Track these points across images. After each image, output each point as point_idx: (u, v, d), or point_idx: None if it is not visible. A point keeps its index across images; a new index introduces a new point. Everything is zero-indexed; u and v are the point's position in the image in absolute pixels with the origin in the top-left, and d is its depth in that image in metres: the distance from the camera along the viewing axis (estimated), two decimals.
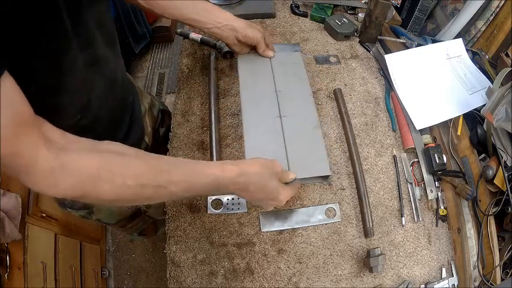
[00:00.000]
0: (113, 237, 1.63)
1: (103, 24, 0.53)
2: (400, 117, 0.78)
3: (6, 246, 0.93)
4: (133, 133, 0.71)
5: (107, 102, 0.58)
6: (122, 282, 1.55)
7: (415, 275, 0.63)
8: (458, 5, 0.90)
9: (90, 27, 0.49)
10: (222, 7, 0.95)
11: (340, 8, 1.02)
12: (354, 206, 0.68)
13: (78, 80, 0.49)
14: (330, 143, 0.75)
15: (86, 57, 0.48)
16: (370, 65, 0.89)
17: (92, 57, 0.50)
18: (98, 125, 0.58)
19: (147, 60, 2.29)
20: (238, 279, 0.60)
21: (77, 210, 0.75)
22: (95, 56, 0.51)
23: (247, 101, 0.72)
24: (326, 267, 0.62)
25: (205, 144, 0.73)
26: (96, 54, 0.51)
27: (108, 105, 0.59)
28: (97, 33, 0.51)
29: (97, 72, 0.53)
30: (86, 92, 0.52)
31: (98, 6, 0.51)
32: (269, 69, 0.79)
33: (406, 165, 0.73)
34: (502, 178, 0.63)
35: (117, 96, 0.63)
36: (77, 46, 0.45)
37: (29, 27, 0.37)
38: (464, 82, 0.82)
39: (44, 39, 0.40)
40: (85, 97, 0.52)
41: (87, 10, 0.47)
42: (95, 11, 0.50)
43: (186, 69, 0.86)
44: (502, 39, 0.82)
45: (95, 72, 0.52)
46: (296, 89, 0.77)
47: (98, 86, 0.54)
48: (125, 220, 0.87)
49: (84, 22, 0.47)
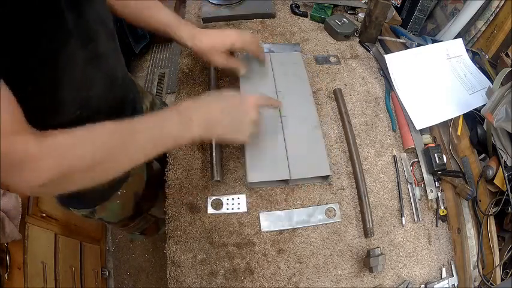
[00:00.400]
0: (113, 237, 1.63)
1: (104, 20, 0.53)
2: (400, 117, 0.78)
3: (6, 246, 0.93)
4: None
5: (107, 99, 0.58)
6: (122, 282, 1.55)
7: (415, 275, 0.63)
8: (458, 5, 0.90)
9: (91, 23, 0.49)
10: (222, 7, 0.95)
11: (340, 8, 1.02)
12: (354, 206, 0.68)
13: (78, 77, 0.49)
14: (330, 143, 0.75)
15: (86, 53, 0.49)
16: (370, 65, 0.89)
17: (92, 53, 0.50)
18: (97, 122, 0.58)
19: (147, 60, 2.29)
20: (238, 279, 0.60)
21: (79, 210, 0.75)
22: (96, 52, 0.51)
23: None
24: (326, 267, 0.62)
25: (205, 144, 0.73)
26: (97, 51, 0.52)
27: (109, 102, 0.59)
28: (98, 29, 0.51)
29: (97, 69, 0.53)
30: (86, 89, 0.52)
31: (99, 3, 0.51)
32: (269, 69, 0.79)
33: (406, 165, 0.73)
34: (502, 178, 0.63)
35: (118, 93, 0.62)
36: (77, 43, 0.46)
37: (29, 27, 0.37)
38: (464, 82, 0.82)
39: (44, 39, 0.40)
40: (85, 93, 0.52)
41: (88, 7, 0.48)
42: (95, 7, 0.50)
43: (186, 69, 0.86)
44: (502, 39, 0.82)
45: (95, 68, 0.52)
46: (296, 89, 0.77)
47: (98, 82, 0.54)
48: (127, 219, 0.87)
49: (85, 19, 0.47)
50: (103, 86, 0.56)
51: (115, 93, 0.61)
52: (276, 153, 0.66)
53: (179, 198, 0.66)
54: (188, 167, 0.70)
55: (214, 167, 0.67)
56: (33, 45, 0.39)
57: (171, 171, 0.70)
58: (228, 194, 0.67)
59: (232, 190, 0.68)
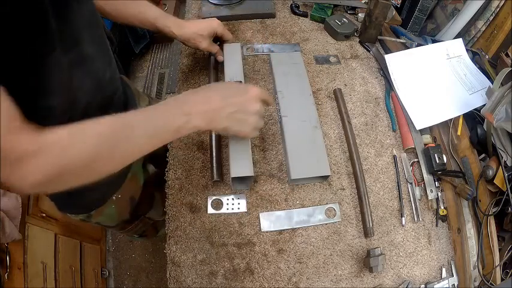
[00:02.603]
0: (113, 237, 1.63)
1: (92, 23, 0.52)
2: (400, 117, 0.78)
3: (6, 246, 0.93)
4: None
5: (95, 101, 0.57)
6: (122, 282, 1.55)
7: (415, 275, 0.63)
8: (458, 5, 0.90)
9: (77, 26, 0.48)
10: (222, 7, 0.95)
11: (340, 8, 1.02)
12: (354, 206, 0.68)
13: (63, 80, 0.48)
14: (330, 143, 0.75)
15: (71, 56, 0.48)
16: (370, 65, 0.89)
17: (78, 56, 0.50)
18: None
19: (147, 60, 2.29)
20: (238, 279, 0.60)
21: (76, 215, 0.75)
22: (82, 55, 0.51)
23: None
24: (326, 267, 0.62)
25: (205, 144, 0.73)
26: (82, 54, 0.51)
27: (97, 105, 0.58)
28: (84, 33, 0.50)
29: (83, 72, 0.52)
30: (73, 92, 0.51)
31: (88, 5, 0.51)
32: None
33: (406, 165, 0.73)
34: (502, 178, 0.63)
35: (106, 95, 0.62)
36: (61, 46, 0.45)
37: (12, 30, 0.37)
38: (464, 82, 0.82)
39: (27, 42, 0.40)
40: (72, 97, 0.51)
41: (75, 10, 0.47)
42: (84, 10, 0.49)
43: (186, 69, 0.86)
44: (502, 39, 0.82)
45: (81, 71, 0.52)
46: (296, 89, 0.77)
47: (85, 85, 0.54)
48: (124, 222, 0.86)
49: (71, 22, 0.47)
50: (90, 87, 0.55)
51: (103, 95, 0.60)
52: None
53: (179, 198, 0.66)
54: (188, 167, 0.70)
55: (214, 167, 0.67)
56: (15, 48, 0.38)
57: (171, 171, 0.70)
58: (228, 194, 0.67)
59: (233, 190, 0.68)
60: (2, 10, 0.35)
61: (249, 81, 0.82)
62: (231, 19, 0.95)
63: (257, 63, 0.87)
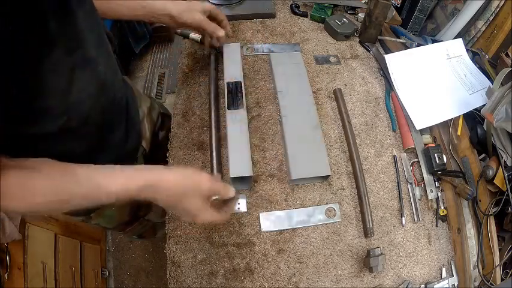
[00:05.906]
0: (113, 237, 1.63)
1: (93, 25, 0.52)
2: (400, 117, 0.78)
3: (6, 246, 0.93)
4: (130, 139, 0.70)
5: (97, 104, 0.57)
6: (122, 282, 1.55)
7: (415, 275, 0.63)
8: (458, 5, 0.90)
9: (79, 28, 0.48)
10: (222, 7, 0.95)
11: (340, 8, 1.02)
12: (354, 206, 0.68)
13: (63, 83, 0.47)
14: (330, 143, 0.75)
15: (74, 59, 0.48)
16: (370, 65, 0.89)
17: (81, 58, 0.49)
18: (88, 129, 0.57)
19: (147, 60, 2.29)
20: (238, 279, 0.60)
21: (76, 216, 0.75)
22: (85, 57, 0.51)
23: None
24: (326, 267, 0.62)
25: (205, 144, 0.73)
26: (86, 56, 0.51)
27: (99, 108, 0.58)
28: (87, 36, 0.50)
29: (85, 74, 0.52)
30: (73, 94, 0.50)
31: (88, 7, 0.50)
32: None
33: (406, 165, 0.73)
34: (502, 178, 0.63)
35: (108, 97, 0.61)
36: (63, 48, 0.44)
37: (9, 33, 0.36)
38: (464, 82, 0.82)
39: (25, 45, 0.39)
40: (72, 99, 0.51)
41: (76, 11, 0.47)
42: (84, 11, 0.49)
43: (186, 69, 0.86)
44: (502, 39, 0.82)
45: (83, 74, 0.51)
46: (296, 89, 0.77)
47: (86, 87, 0.53)
48: (123, 224, 0.86)
49: (72, 24, 0.46)
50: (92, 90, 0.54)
51: (105, 97, 0.60)
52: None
53: None
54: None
55: (214, 167, 0.67)
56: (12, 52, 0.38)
57: None
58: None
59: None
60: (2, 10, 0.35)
61: (249, 81, 0.82)
62: (231, 19, 0.95)
63: (257, 63, 0.87)
